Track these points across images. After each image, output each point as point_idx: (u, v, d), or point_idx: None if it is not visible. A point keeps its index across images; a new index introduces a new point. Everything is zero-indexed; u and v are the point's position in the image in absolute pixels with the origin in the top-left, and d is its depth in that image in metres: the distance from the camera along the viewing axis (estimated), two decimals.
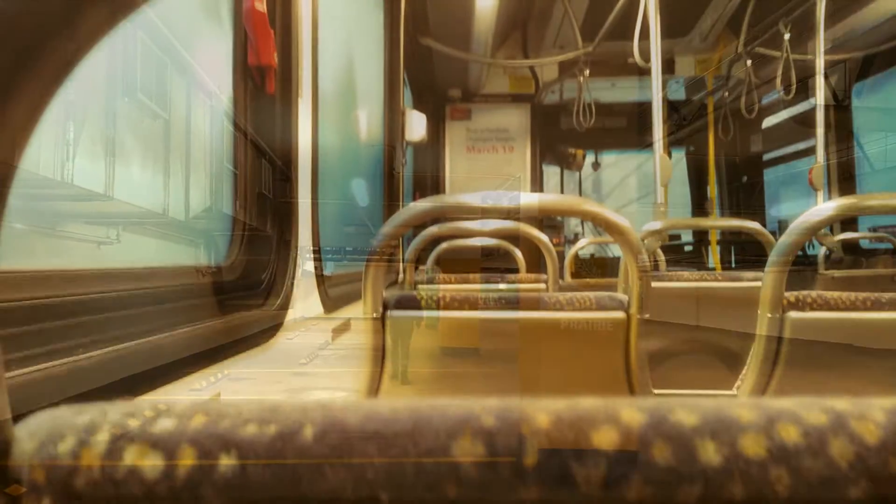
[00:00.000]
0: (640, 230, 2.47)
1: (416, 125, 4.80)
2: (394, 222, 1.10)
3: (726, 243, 6.97)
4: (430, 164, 6.91)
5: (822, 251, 4.25)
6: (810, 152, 5.18)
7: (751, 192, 7.33)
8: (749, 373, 1.25)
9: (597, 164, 8.27)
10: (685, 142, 7.69)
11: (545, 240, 2.28)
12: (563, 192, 7.96)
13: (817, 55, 4.38)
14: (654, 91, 3.90)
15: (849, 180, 5.80)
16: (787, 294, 1.19)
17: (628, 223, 1.13)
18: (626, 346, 1.21)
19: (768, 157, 7.18)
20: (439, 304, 1.23)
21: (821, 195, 4.40)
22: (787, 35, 5.26)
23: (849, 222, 5.15)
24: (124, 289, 1.46)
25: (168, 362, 1.41)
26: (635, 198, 8.16)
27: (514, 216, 1.18)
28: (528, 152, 7.16)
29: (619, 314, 1.22)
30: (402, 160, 4.62)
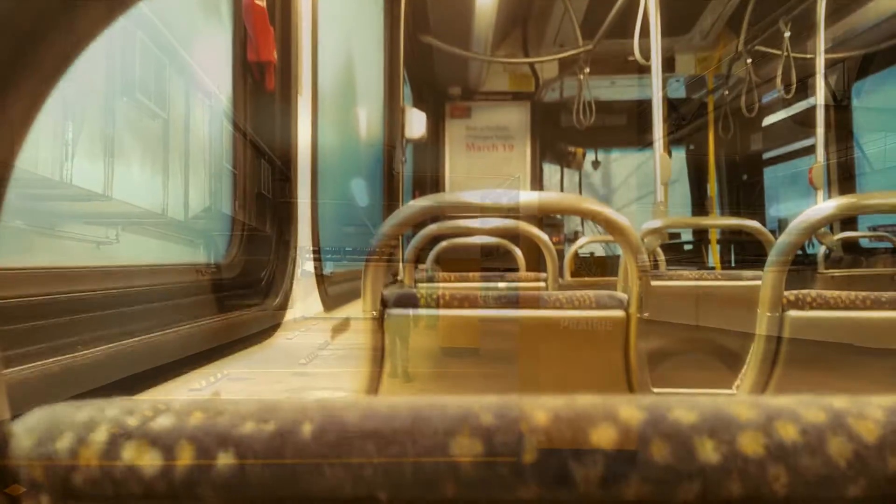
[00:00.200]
0: (640, 229, 2.47)
1: (415, 123, 4.79)
2: (393, 221, 1.09)
3: (726, 242, 6.97)
4: (429, 162, 6.90)
5: (822, 250, 4.24)
6: (810, 151, 5.17)
7: (751, 190, 7.32)
8: (748, 372, 1.25)
9: (597, 163, 8.26)
10: (685, 140, 7.69)
11: (545, 238, 2.27)
12: (562, 190, 7.95)
13: (817, 54, 4.38)
14: (654, 89, 3.90)
15: (848, 179, 5.80)
16: (786, 293, 1.19)
17: (628, 222, 1.13)
18: (626, 345, 1.21)
19: (768, 156, 7.18)
20: (439, 303, 1.23)
21: (820, 194, 4.40)
22: (787, 33, 5.26)
23: (848, 221, 5.15)
24: (123, 287, 1.46)
25: (167, 362, 1.41)
26: (635, 197, 8.15)
27: (514, 214, 1.18)
28: (528, 150, 7.15)
29: (619, 313, 1.22)
30: (402, 159, 4.62)
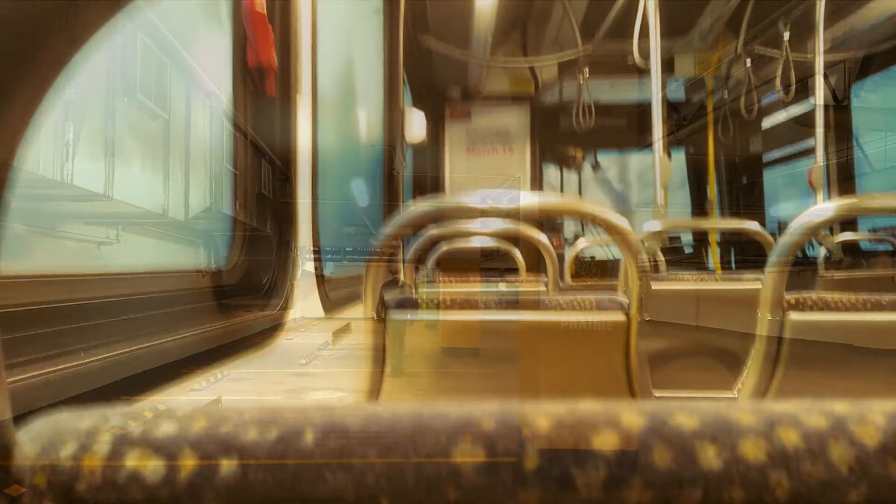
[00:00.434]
0: (640, 231, 2.48)
1: (415, 125, 4.79)
2: (393, 224, 1.10)
3: (726, 244, 6.96)
4: (429, 164, 6.90)
5: (822, 252, 4.24)
6: (810, 153, 5.17)
7: (750, 192, 7.32)
8: (750, 374, 1.25)
9: (596, 165, 8.26)
10: (685, 142, 7.68)
11: (545, 241, 2.27)
12: (562, 192, 7.95)
13: (817, 55, 4.38)
14: (653, 91, 3.90)
15: (848, 181, 5.80)
16: (787, 295, 1.19)
17: (628, 224, 1.13)
18: (627, 348, 1.21)
19: (768, 158, 7.18)
20: (439, 306, 1.23)
21: (820, 196, 4.40)
22: (786, 35, 5.26)
23: (849, 223, 5.14)
24: (126, 292, 1.46)
25: (167, 362, 1.41)
26: (635, 198, 8.15)
27: (514, 217, 1.18)
28: (528, 152, 7.14)
29: (619, 316, 1.22)
30: (402, 160, 4.62)
